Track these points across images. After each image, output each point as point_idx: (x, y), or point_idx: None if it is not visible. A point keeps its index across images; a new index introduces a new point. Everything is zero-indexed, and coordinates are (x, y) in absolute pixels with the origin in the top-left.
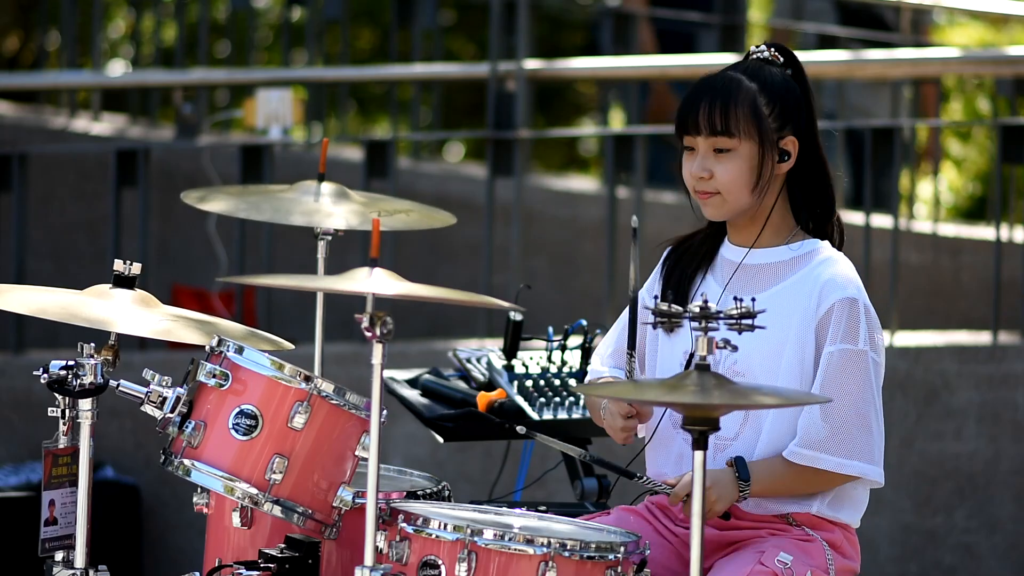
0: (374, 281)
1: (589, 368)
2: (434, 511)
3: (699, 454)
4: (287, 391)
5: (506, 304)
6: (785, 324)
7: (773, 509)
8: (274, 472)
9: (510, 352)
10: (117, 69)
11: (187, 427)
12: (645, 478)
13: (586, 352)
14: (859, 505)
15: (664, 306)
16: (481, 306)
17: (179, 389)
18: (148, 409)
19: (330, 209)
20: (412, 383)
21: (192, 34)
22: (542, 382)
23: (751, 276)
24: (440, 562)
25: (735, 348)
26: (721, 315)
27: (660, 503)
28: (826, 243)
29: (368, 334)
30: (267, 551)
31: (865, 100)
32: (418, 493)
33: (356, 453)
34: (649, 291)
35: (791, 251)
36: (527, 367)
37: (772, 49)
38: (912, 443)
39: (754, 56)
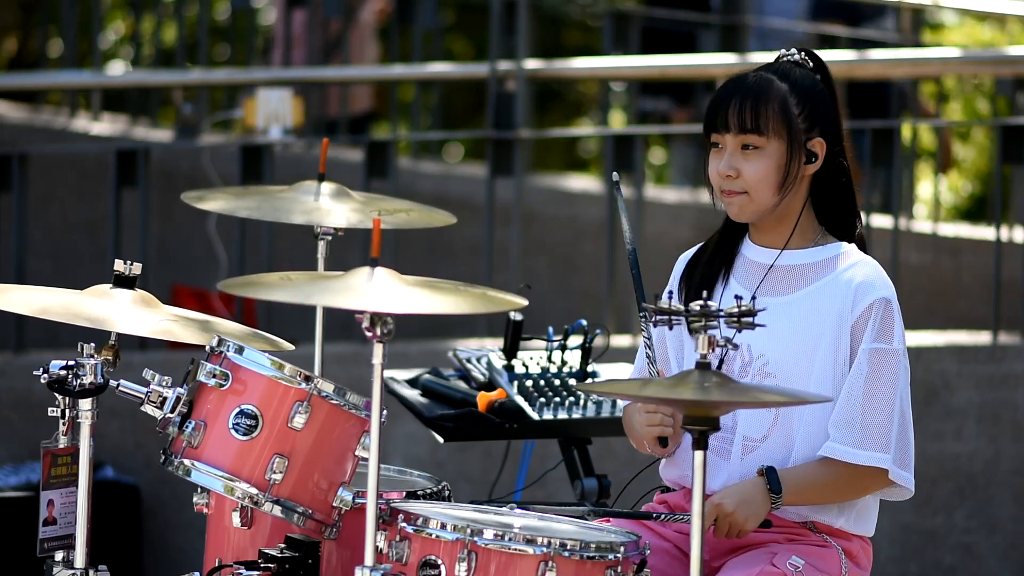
0: (374, 287)
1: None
2: (434, 511)
3: (699, 454)
4: (287, 391)
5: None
6: (819, 326)
7: (793, 515)
8: (274, 472)
9: (510, 352)
10: (117, 69)
11: (187, 427)
12: (665, 515)
13: (586, 352)
14: (875, 515)
15: (665, 304)
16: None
17: (179, 389)
18: (148, 409)
19: (330, 207)
20: (412, 383)
21: (192, 35)
22: (542, 382)
23: (780, 278)
24: (440, 562)
25: (736, 346)
26: (722, 313)
27: (671, 502)
28: (852, 246)
29: (368, 334)
30: (267, 551)
31: None
32: (418, 493)
33: (356, 453)
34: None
35: (819, 253)
36: (527, 367)
37: (802, 53)
38: None
39: (784, 59)
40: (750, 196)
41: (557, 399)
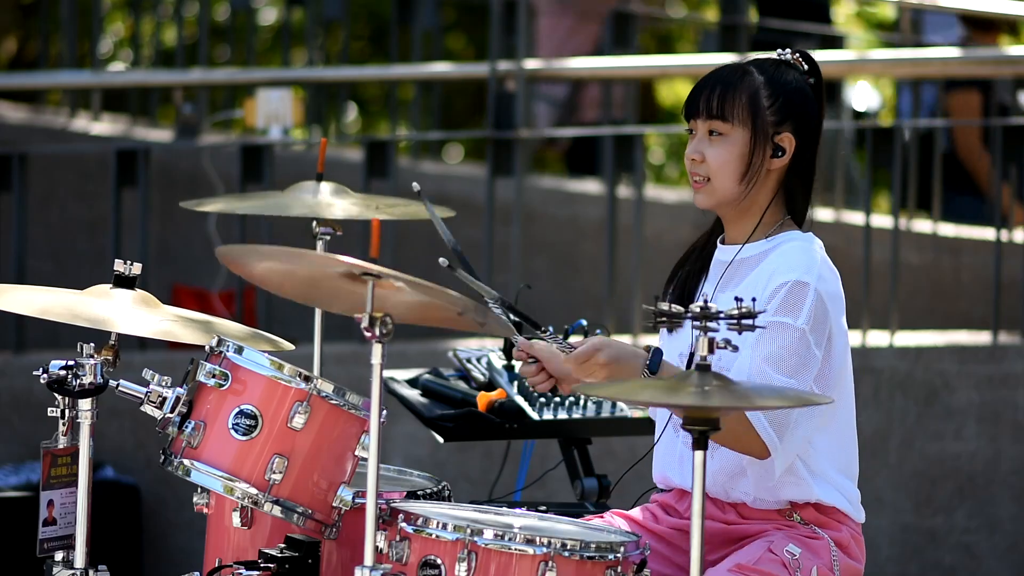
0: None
1: None
2: (434, 511)
3: (699, 454)
4: (287, 391)
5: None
6: None
7: (773, 503)
8: (274, 472)
9: (510, 352)
10: (117, 69)
11: (187, 427)
12: (548, 331)
13: None
14: (848, 493)
15: (665, 306)
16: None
17: (179, 389)
18: (148, 409)
19: (330, 201)
20: (412, 383)
21: (192, 35)
22: None
23: (734, 271)
24: (440, 562)
25: (736, 348)
26: (721, 315)
27: (662, 502)
28: (809, 235)
29: (368, 334)
30: (267, 551)
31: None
32: (418, 493)
33: (356, 453)
34: None
35: (765, 244)
36: None
37: (797, 55)
38: (912, 443)
39: (777, 57)
40: (712, 183)
41: (557, 399)
